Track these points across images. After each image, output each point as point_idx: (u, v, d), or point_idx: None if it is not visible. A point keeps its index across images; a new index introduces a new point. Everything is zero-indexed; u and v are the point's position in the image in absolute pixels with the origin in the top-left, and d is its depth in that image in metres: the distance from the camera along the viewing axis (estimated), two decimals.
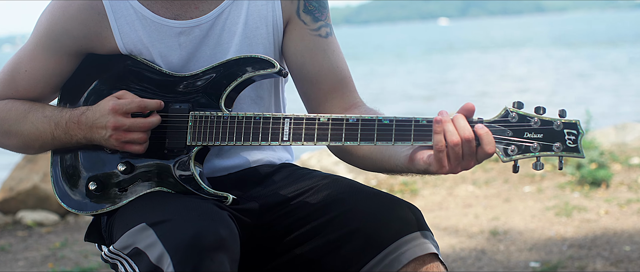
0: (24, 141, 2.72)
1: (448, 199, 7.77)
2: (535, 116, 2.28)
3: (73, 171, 2.70)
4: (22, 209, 7.93)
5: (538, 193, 7.65)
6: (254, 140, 2.50)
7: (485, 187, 8.11)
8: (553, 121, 2.26)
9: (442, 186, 8.31)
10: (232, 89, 2.59)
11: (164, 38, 2.66)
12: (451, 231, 6.60)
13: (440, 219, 6.98)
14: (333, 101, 2.75)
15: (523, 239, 6.23)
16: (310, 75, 2.75)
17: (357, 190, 2.61)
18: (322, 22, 2.76)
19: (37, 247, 6.93)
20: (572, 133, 2.25)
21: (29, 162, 8.16)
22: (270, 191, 2.69)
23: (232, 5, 2.70)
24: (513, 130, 2.29)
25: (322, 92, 2.76)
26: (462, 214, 7.15)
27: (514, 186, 8.03)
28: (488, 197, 7.71)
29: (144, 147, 2.57)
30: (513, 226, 6.62)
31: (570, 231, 6.33)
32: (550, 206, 7.08)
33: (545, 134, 2.26)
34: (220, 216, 2.33)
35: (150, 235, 2.29)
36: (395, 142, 2.37)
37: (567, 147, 2.25)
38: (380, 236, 2.49)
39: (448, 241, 6.30)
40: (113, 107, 2.54)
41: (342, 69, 2.78)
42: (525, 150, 2.27)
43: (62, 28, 2.66)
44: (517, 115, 2.29)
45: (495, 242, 6.20)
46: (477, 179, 8.43)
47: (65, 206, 2.69)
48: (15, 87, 2.75)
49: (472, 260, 5.80)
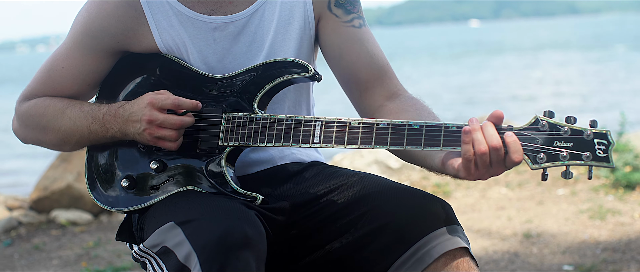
0: (60, 137, 2.74)
1: (481, 202, 7.74)
2: (566, 125, 2.27)
3: (107, 168, 2.72)
4: (56, 208, 7.97)
5: (572, 196, 7.60)
6: (285, 141, 2.52)
7: (519, 189, 8.07)
8: (583, 131, 2.26)
9: (475, 188, 8.28)
10: (266, 92, 2.61)
11: (199, 33, 2.69)
12: (484, 234, 6.57)
13: (473, 222, 6.95)
14: (374, 90, 2.77)
15: (556, 242, 6.20)
16: (349, 66, 2.77)
17: (386, 186, 2.62)
18: (354, 14, 2.78)
19: (70, 246, 6.97)
20: (603, 143, 2.24)
21: (63, 162, 8.21)
22: (300, 189, 2.71)
23: (266, 3, 2.73)
24: (543, 139, 2.29)
25: (363, 81, 2.78)
26: (495, 216, 7.12)
27: (548, 188, 7.99)
28: (521, 199, 7.68)
29: (176, 144, 2.59)
30: (546, 228, 6.58)
31: (604, 234, 6.29)
32: (584, 209, 7.03)
33: (575, 143, 2.26)
34: (247, 215, 2.34)
35: (178, 234, 2.30)
36: (424, 147, 2.38)
37: (597, 156, 2.24)
38: (411, 231, 2.49)
39: (481, 243, 6.28)
40: (150, 100, 2.56)
41: (380, 57, 2.80)
42: (554, 158, 2.27)
43: (99, 25, 2.69)
44: (547, 123, 2.29)
45: (528, 245, 6.17)
46: (511, 181, 8.39)
47: (97, 202, 2.71)
48: (52, 84, 2.77)
49: (505, 263, 5.78)
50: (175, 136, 2.57)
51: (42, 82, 2.79)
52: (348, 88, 2.83)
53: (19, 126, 2.85)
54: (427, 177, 8.72)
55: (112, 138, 2.67)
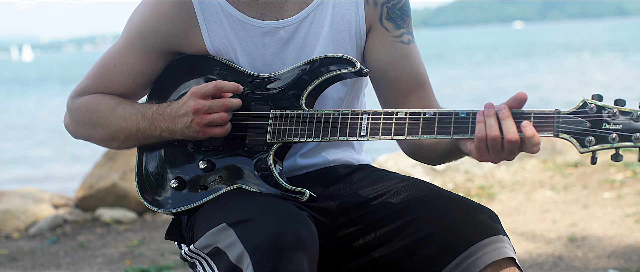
0: (110, 133, 2.77)
1: (525, 204, 7.70)
2: (614, 108, 2.24)
3: (156, 169, 2.74)
4: (101, 207, 8.04)
5: (617, 199, 7.53)
6: (332, 135, 2.52)
7: (564, 192, 8.01)
8: (632, 112, 2.22)
9: (519, 190, 8.23)
10: (314, 88, 2.62)
11: (249, 37, 2.71)
12: (528, 237, 6.53)
13: (517, 224, 6.91)
14: (410, 104, 2.78)
15: (602, 245, 6.14)
16: (390, 81, 2.77)
17: (435, 194, 2.61)
18: (404, 29, 2.78)
19: (115, 244, 7.02)
20: None
21: (108, 160, 8.27)
22: (349, 191, 2.70)
23: (317, 9, 2.73)
24: (591, 122, 2.26)
25: (400, 95, 2.78)
26: (539, 219, 7.07)
27: (593, 191, 7.93)
28: (566, 202, 7.62)
29: (225, 130, 2.60)
30: (591, 232, 6.52)
31: None
32: (630, 213, 6.97)
33: (624, 125, 2.22)
34: (300, 217, 2.35)
35: (231, 235, 2.31)
36: (471, 134, 2.37)
37: None
38: (457, 240, 2.48)
39: (525, 246, 6.24)
40: (192, 90, 2.59)
41: (422, 74, 2.80)
42: (603, 140, 2.24)
43: (152, 26, 2.72)
44: (596, 106, 2.26)
45: (573, 249, 6.12)
46: (556, 184, 8.34)
47: (146, 203, 2.73)
48: (104, 81, 2.81)
49: (549, 266, 5.74)
50: (224, 117, 2.58)
51: (94, 79, 2.84)
52: (383, 97, 2.83)
53: (70, 121, 2.89)
54: (471, 179, 8.68)
55: (160, 137, 2.69)
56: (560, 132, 2.29)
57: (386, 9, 2.78)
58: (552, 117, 2.30)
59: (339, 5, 2.76)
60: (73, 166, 14.48)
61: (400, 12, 2.79)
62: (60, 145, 16.99)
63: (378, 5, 2.78)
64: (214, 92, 2.58)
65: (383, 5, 2.78)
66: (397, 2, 2.79)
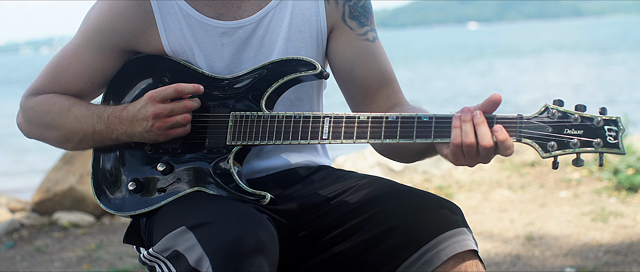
0: (64, 134, 2.74)
1: (483, 204, 7.74)
2: (576, 113, 2.27)
3: (112, 172, 2.72)
4: (58, 211, 7.97)
5: (574, 198, 7.60)
6: (294, 139, 2.52)
7: (521, 192, 8.06)
8: (593, 118, 2.25)
9: (477, 190, 8.28)
10: (273, 91, 2.61)
11: (207, 37, 2.70)
12: (486, 236, 6.57)
13: (475, 224, 6.95)
14: (378, 102, 2.77)
15: (558, 244, 6.19)
16: (358, 80, 2.77)
17: (395, 189, 2.62)
18: (368, 27, 2.78)
19: (72, 248, 6.97)
20: (613, 129, 2.24)
21: (65, 164, 8.21)
22: (309, 191, 2.71)
23: (276, 8, 2.73)
24: (553, 127, 2.29)
25: (369, 94, 2.78)
26: (497, 218, 7.12)
27: (550, 191, 7.99)
28: (523, 202, 7.67)
29: (187, 129, 2.59)
30: (548, 231, 6.58)
31: (606, 237, 6.28)
32: (586, 212, 7.03)
33: (585, 131, 2.26)
34: (260, 220, 2.34)
35: (190, 238, 2.30)
36: (434, 139, 2.38)
37: (608, 143, 2.24)
38: (420, 233, 2.50)
39: (483, 245, 6.28)
40: (150, 95, 2.57)
41: (389, 71, 2.81)
42: (564, 146, 2.27)
43: (108, 23, 2.70)
44: (557, 112, 2.29)
45: (530, 248, 6.17)
46: (513, 183, 8.39)
47: (103, 206, 2.71)
48: (59, 80, 2.78)
49: (506, 265, 5.78)
50: (187, 118, 2.58)
51: (48, 78, 2.81)
52: (352, 99, 2.83)
53: (23, 121, 2.86)
54: (429, 179, 8.72)
55: (116, 140, 2.67)
56: (523, 137, 2.31)
57: (348, 8, 2.78)
58: (514, 122, 2.32)
59: (298, 5, 2.75)
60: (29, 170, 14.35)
61: (363, 9, 2.79)
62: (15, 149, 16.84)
63: (339, 4, 2.78)
64: (174, 96, 2.57)
65: (345, 4, 2.78)
66: (358, 0, 2.79)
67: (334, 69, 2.81)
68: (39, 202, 8.03)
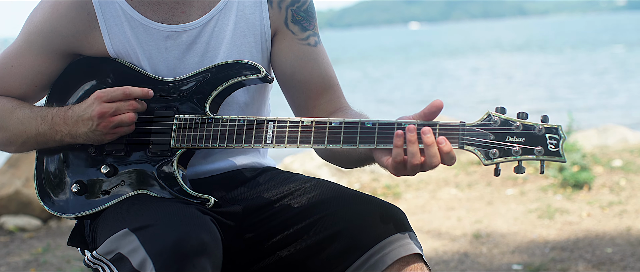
0: (7, 136, 2.71)
1: (431, 202, 7.78)
2: (518, 121, 2.29)
3: (56, 173, 2.70)
4: (4, 214, 7.89)
5: (520, 196, 7.67)
6: (238, 142, 2.51)
7: (468, 190, 8.12)
8: (535, 126, 2.27)
9: (425, 189, 8.32)
10: (218, 94, 2.60)
11: (151, 41, 2.68)
12: (434, 234, 6.61)
13: (423, 222, 6.98)
14: (320, 106, 2.77)
15: (506, 241, 6.25)
16: (300, 84, 2.77)
17: (340, 193, 2.62)
18: (310, 31, 2.78)
19: (19, 252, 6.90)
20: (554, 138, 2.26)
21: (11, 167, 8.12)
22: (254, 194, 2.70)
23: (220, 13, 2.72)
24: (495, 134, 2.30)
25: (311, 98, 2.78)
26: (444, 217, 7.16)
27: (497, 188, 8.05)
28: (471, 200, 7.73)
29: (131, 128, 2.57)
30: (496, 228, 6.63)
31: (552, 234, 6.35)
32: (532, 209, 7.10)
33: (527, 138, 2.27)
34: (203, 221, 2.34)
35: (133, 240, 2.29)
36: (377, 144, 2.38)
37: (549, 151, 2.26)
38: (364, 237, 2.50)
39: (431, 244, 6.31)
40: (97, 94, 2.55)
41: (331, 76, 2.80)
42: (506, 153, 2.28)
43: (51, 26, 2.67)
44: (499, 119, 2.30)
45: (478, 245, 6.21)
46: (460, 182, 8.45)
47: (47, 208, 2.68)
48: (1, 83, 2.75)
49: (454, 263, 5.81)
50: (132, 118, 2.55)
51: None
52: (295, 103, 2.83)
53: None
54: (377, 179, 8.75)
55: (60, 141, 2.64)
56: (465, 144, 2.32)
57: (291, 12, 2.78)
58: (457, 129, 2.33)
59: (242, 9, 2.75)
60: None
61: (306, 14, 2.79)
62: None
63: (282, 8, 2.77)
64: (121, 98, 2.55)
65: (287, 8, 2.78)
66: (301, 4, 2.79)
67: (277, 73, 2.81)
68: None
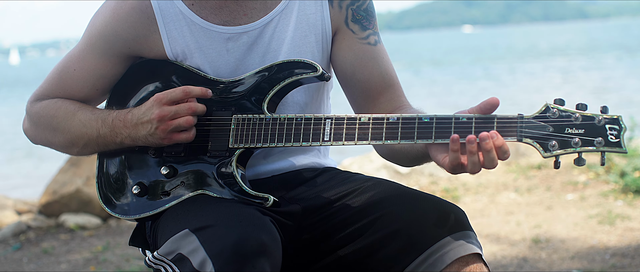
0: (69, 138, 2.75)
1: (490, 206, 7.73)
2: (576, 112, 2.27)
3: (117, 175, 2.72)
4: (65, 213, 7.98)
5: (581, 201, 7.59)
6: (295, 141, 2.52)
7: (528, 194, 8.05)
8: (595, 117, 2.25)
9: (483, 193, 8.27)
10: (275, 93, 2.61)
11: (212, 43, 2.69)
12: (493, 239, 6.56)
13: (482, 227, 6.94)
14: (380, 105, 2.77)
15: (565, 247, 6.18)
16: (360, 83, 2.77)
17: (400, 191, 2.62)
18: (370, 30, 2.78)
19: (79, 250, 6.97)
20: (614, 128, 2.23)
21: (72, 166, 8.22)
22: (313, 193, 2.71)
23: (281, 14, 2.72)
24: (554, 126, 2.28)
25: (371, 97, 2.78)
26: (503, 221, 7.11)
27: (557, 193, 7.97)
28: (530, 204, 7.66)
29: (191, 134, 2.59)
30: (555, 234, 6.57)
31: (613, 240, 6.27)
32: (593, 214, 7.02)
33: (586, 130, 2.25)
34: (262, 222, 2.34)
35: (193, 241, 2.30)
36: (435, 139, 2.37)
37: (609, 142, 2.23)
38: (424, 236, 2.49)
39: (489, 248, 6.27)
40: (156, 97, 2.58)
41: (391, 75, 2.80)
42: (566, 145, 2.26)
43: (111, 29, 2.70)
44: (558, 111, 2.28)
45: (537, 250, 6.16)
46: (519, 186, 8.38)
47: (108, 210, 2.71)
48: (63, 86, 2.79)
49: (513, 268, 5.77)
50: (190, 121, 2.57)
51: (54, 83, 2.81)
52: (355, 102, 2.83)
53: (29, 126, 2.86)
54: (435, 182, 8.71)
55: (121, 144, 2.67)
56: (524, 136, 2.30)
57: (351, 11, 2.78)
58: (515, 122, 2.31)
59: (303, 9, 2.75)
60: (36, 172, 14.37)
61: (366, 13, 2.79)
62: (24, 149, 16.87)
63: (343, 8, 2.77)
64: (181, 97, 2.57)
65: (348, 7, 2.78)
66: (361, 4, 2.79)
67: (337, 72, 2.81)
68: (46, 204, 8.04)
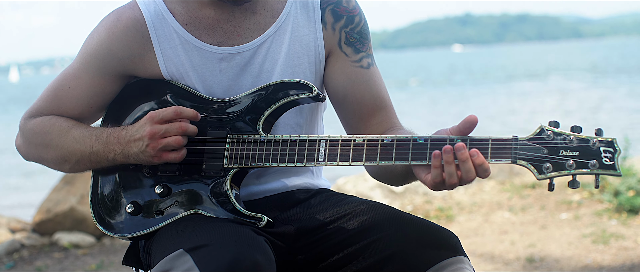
0: (62, 155, 2.74)
1: (484, 226, 7.73)
2: (571, 134, 2.27)
3: (111, 194, 2.72)
4: (59, 231, 7.97)
5: (575, 220, 7.59)
6: (290, 161, 2.52)
7: (522, 213, 8.06)
8: (589, 139, 2.25)
9: (478, 212, 8.27)
10: (270, 113, 2.61)
11: (205, 63, 2.70)
12: (487, 258, 6.56)
13: (476, 246, 6.94)
14: (372, 126, 2.77)
15: (560, 266, 6.19)
16: (352, 105, 2.77)
17: (394, 216, 2.61)
18: (363, 53, 2.78)
19: (73, 269, 6.96)
20: (609, 151, 2.24)
21: (66, 185, 8.21)
22: (307, 215, 2.70)
23: (274, 35, 2.73)
24: (548, 148, 2.28)
25: (363, 119, 2.78)
26: (498, 240, 7.11)
27: (551, 212, 7.98)
28: (524, 224, 7.67)
29: (181, 155, 2.59)
30: (549, 253, 6.57)
31: (607, 259, 6.28)
32: (587, 233, 7.02)
33: (581, 152, 2.25)
34: (257, 242, 2.34)
35: (187, 261, 2.30)
36: (430, 160, 2.38)
37: (603, 164, 2.23)
38: (419, 260, 2.49)
39: (484, 267, 6.27)
40: (149, 115, 2.58)
41: (383, 98, 2.80)
42: (560, 167, 2.27)
43: (107, 48, 2.71)
44: (553, 133, 2.28)
45: (531, 270, 6.16)
46: (514, 205, 8.39)
47: (102, 229, 2.71)
48: (58, 104, 2.79)
49: None
50: (179, 141, 2.57)
51: (48, 101, 2.81)
52: (345, 120, 2.83)
53: (22, 143, 2.86)
54: (430, 201, 8.71)
55: (113, 161, 2.67)
56: (518, 158, 2.30)
57: (345, 34, 2.78)
58: (510, 144, 2.31)
59: (296, 30, 2.76)
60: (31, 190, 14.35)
61: (359, 36, 2.79)
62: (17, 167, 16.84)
63: (336, 30, 2.78)
64: (172, 117, 2.57)
65: (341, 29, 2.78)
66: (355, 26, 2.79)
67: (329, 93, 2.82)
68: (40, 222, 8.03)
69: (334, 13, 2.78)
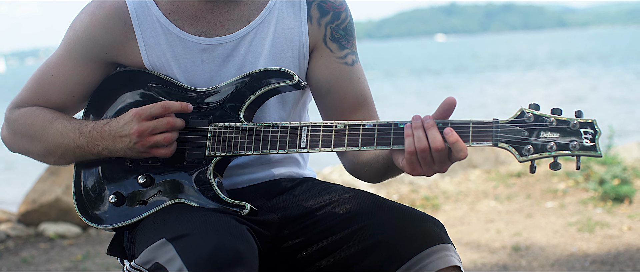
0: (47, 147, 2.73)
1: (470, 214, 7.75)
2: (551, 116, 2.28)
3: (94, 185, 2.72)
4: (45, 221, 7.95)
5: (560, 209, 7.61)
6: (272, 148, 2.52)
7: (507, 202, 8.08)
8: (569, 121, 2.26)
9: (464, 201, 8.29)
10: (252, 101, 2.61)
11: (187, 53, 2.69)
12: (473, 246, 6.57)
13: (462, 235, 6.95)
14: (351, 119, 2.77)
15: (545, 254, 6.20)
16: (334, 101, 2.78)
17: (380, 203, 2.62)
18: (348, 49, 2.78)
19: (59, 259, 6.94)
20: (589, 132, 2.24)
21: (51, 175, 8.19)
22: (292, 203, 2.70)
23: (258, 27, 2.72)
24: (529, 131, 2.29)
25: (344, 115, 2.79)
26: (484, 229, 7.12)
27: (536, 201, 8.00)
28: (510, 212, 7.68)
29: (170, 150, 2.59)
30: (535, 241, 6.59)
31: (592, 247, 6.30)
32: (572, 222, 7.04)
33: (561, 134, 2.26)
34: (239, 231, 2.34)
35: (170, 250, 2.30)
36: None
37: (584, 146, 2.24)
38: (404, 248, 2.49)
39: (470, 256, 6.28)
40: (136, 112, 2.57)
41: (365, 95, 2.81)
42: (541, 149, 2.27)
43: (89, 35, 2.70)
44: (533, 115, 2.29)
45: (517, 258, 6.18)
46: (499, 194, 8.40)
47: (86, 220, 2.70)
48: (42, 92, 2.78)
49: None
50: (169, 138, 2.56)
51: (32, 90, 2.80)
52: (326, 115, 2.84)
53: (7, 134, 2.85)
54: (415, 190, 8.72)
55: (98, 155, 2.66)
56: (499, 141, 2.31)
57: (330, 29, 2.78)
58: (490, 127, 2.32)
59: (281, 23, 2.75)
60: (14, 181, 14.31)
61: (345, 32, 2.79)
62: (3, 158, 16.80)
63: (322, 25, 2.77)
64: (160, 113, 2.56)
65: (327, 25, 2.78)
66: (340, 23, 2.79)
67: (312, 88, 2.82)
68: (25, 213, 8.01)
69: (320, 8, 2.78)
